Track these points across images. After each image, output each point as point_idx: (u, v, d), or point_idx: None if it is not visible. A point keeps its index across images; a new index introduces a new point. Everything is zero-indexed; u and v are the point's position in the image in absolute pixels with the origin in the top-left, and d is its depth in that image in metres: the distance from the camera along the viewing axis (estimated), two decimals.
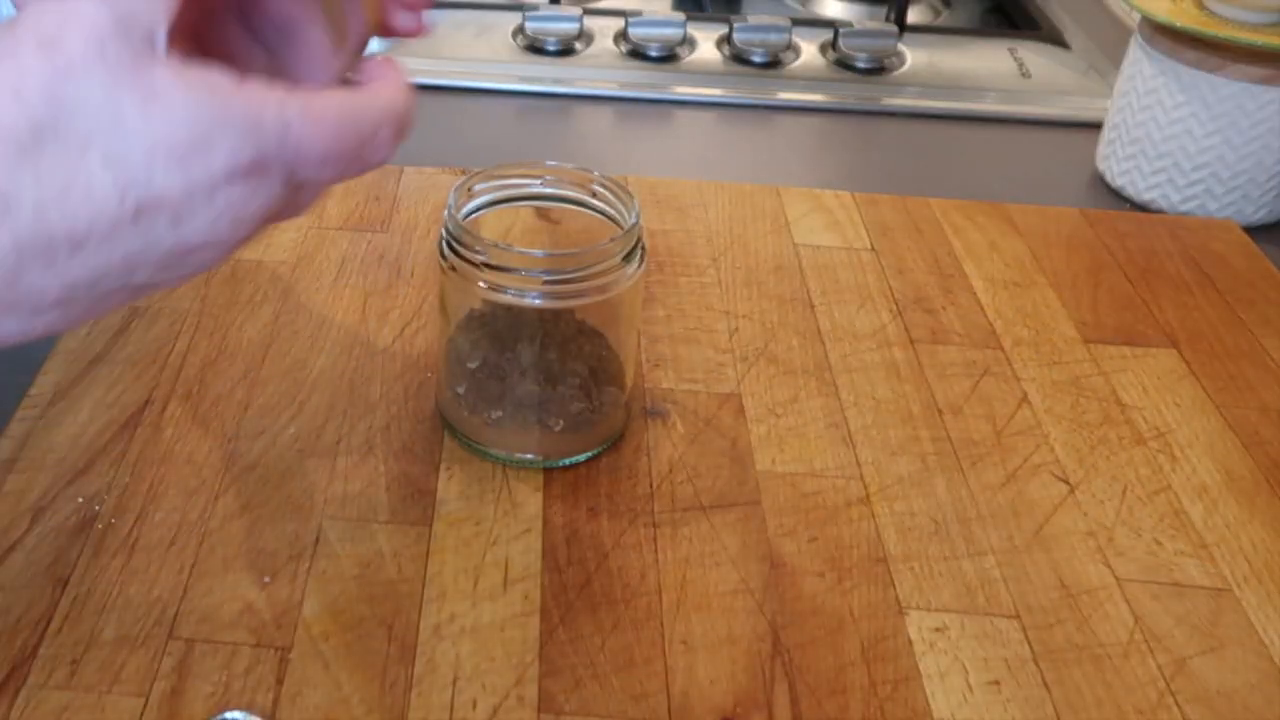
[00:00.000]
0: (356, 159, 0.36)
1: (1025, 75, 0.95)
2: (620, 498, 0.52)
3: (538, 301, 0.50)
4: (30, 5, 0.32)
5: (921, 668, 0.46)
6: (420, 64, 0.90)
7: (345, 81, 0.40)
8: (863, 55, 0.95)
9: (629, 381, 0.55)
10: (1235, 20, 0.74)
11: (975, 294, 0.67)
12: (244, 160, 0.33)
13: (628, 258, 0.51)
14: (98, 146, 0.31)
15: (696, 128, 0.88)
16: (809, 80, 0.93)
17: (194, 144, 0.32)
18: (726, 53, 0.95)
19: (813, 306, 0.65)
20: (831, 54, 0.96)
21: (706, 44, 0.96)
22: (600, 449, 0.54)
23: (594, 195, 0.54)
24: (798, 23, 0.97)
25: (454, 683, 0.44)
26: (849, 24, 0.96)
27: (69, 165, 0.31)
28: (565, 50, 0.94)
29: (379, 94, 0.37)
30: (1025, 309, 0.67)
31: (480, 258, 0.50)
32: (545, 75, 0.91)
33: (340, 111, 0.35)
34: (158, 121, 0.32)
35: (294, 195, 0.36)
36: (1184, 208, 0.78)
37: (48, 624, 0.45)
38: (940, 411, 0.59)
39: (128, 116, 0.31)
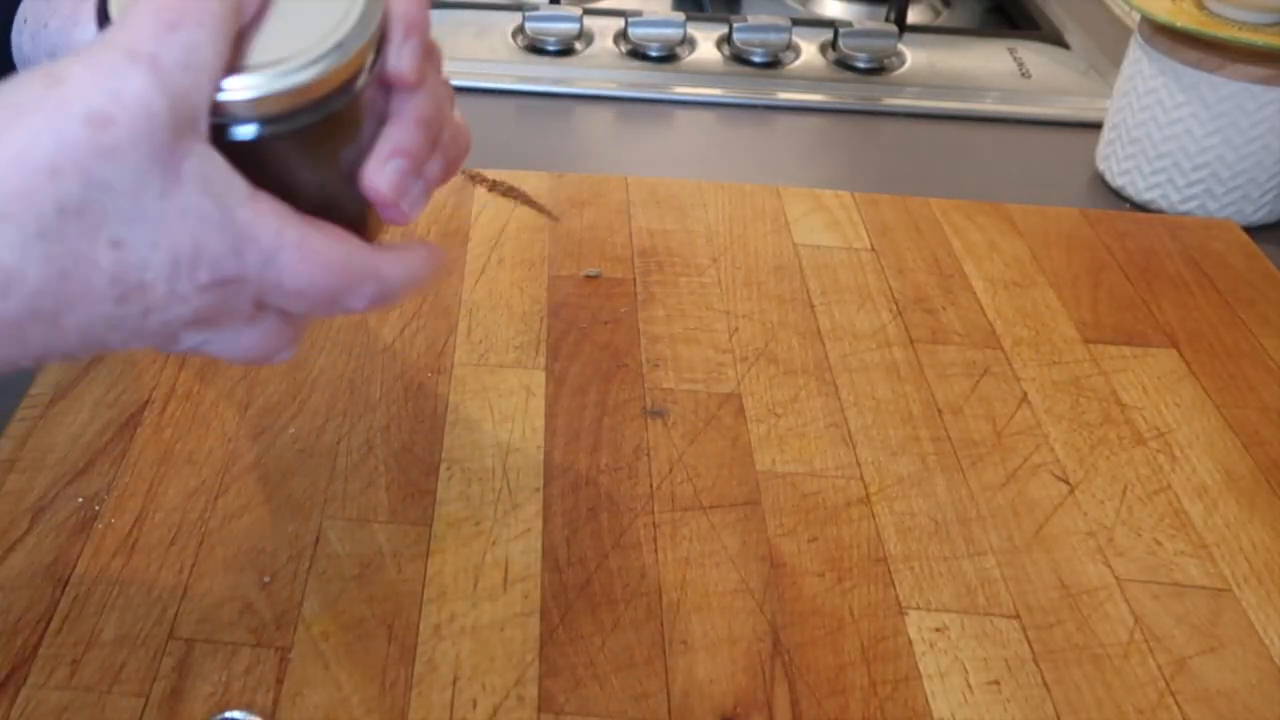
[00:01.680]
0: (330, 304, 0.36)
1: (1025, 75, 0.95)
2: (620, 498, 0.52)
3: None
4: (73, 62, 0.31)
5: (921, 668, 0.46)
6: None
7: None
8: (863, 55, 0.95)
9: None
10: (1235, 20, 0.74)
11: (975, 294, 0.68)
12: (224, 275, 0.33)
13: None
14: (112, 228, 0.31)
15: (696, 128, 0.88)
16: (809, 80, 0.93)
17: (194, 249, 0.32)
18: (726, 53, 0.95)
19: (813, 306, 0.65)
20: (831, 54, 0.96)
21: (706, 44, 0.96)
22: None
23: None
24: (798, 23, 0.97)
25: (454, 683, 0.44)
26: (849, 24, 0.96)
27: (80, 247, 0.30)
28: (565, 50, 0.94)
29: (384, 259, 0.37)
30: (1025, 309, 0.67)
31: None
32: (545, 75, 0.91)
33: (334, 258, 0.35)
34: (171, 217, 0.31)
35: (258, 315, 0.36)
36: (1184, 208, 0.78)
37: (48, 624, 0.45)
38: (940, 411, 0.59)
39: (147, 203, 0.31)
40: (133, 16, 0.32)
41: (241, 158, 0.34)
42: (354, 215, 0.38)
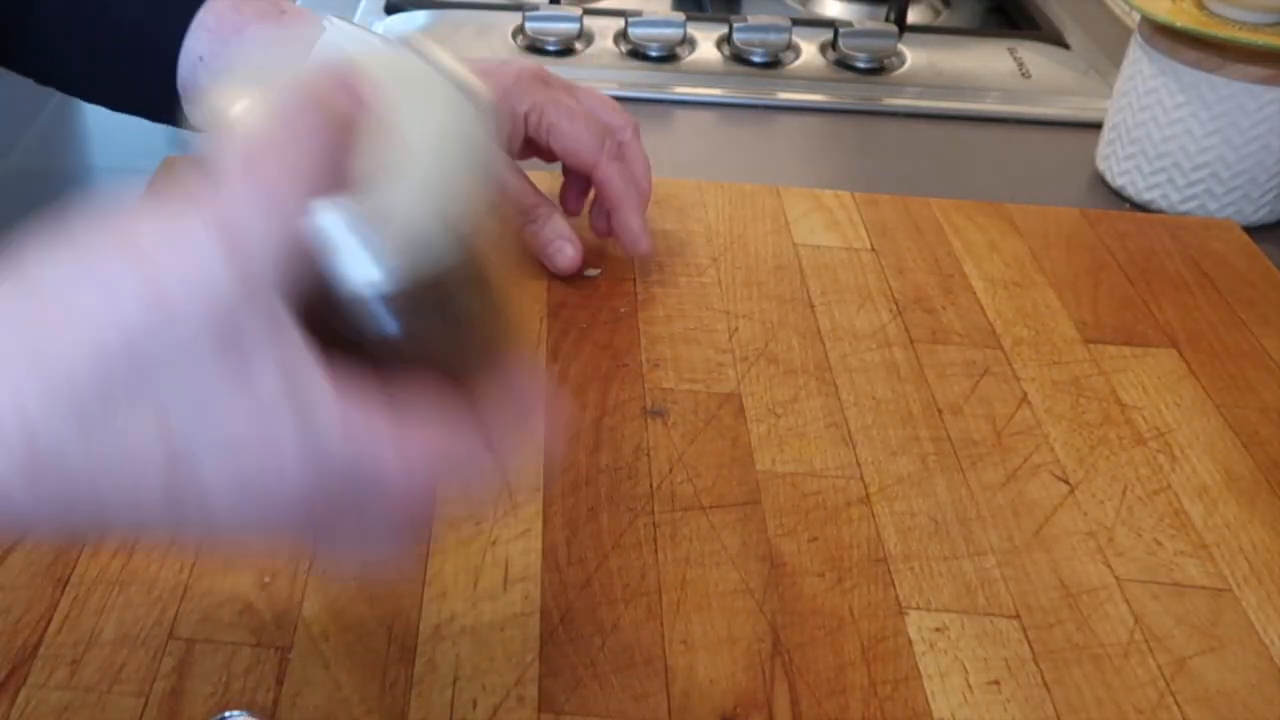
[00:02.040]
0: (434, 494, 0.33)
1: (1025, 75, 0.95)
2: (620, 498, 0.52)
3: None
4: (151, 224, 0.29)
5: (921, 668, 0.46)
6: None
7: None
8: (863, 55, 0.95)
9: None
10: (1235, 20, 0.74)
11: (975, 294, 0.67)
12: (302, 482, 0.30)
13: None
14: (160, 418, 0.28)
15: (696, 128, 0.88)
16: (809, 80, 0.93)
17: (259, 443, 0.29)
18: (726, 53, 0.95)
19: (813, 306, 0.65)
20: (831, 54, 0.96)
21: (706, 44, 0.96)
22: None
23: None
24: (798, 23, 0.97)
25: (454, 683, 0.44)
26: (849, 24, 0.96)
27: (121, 430, 0.28)
28: (565, 50, 0.94)
29: (493, 425, 0.34)
30: (1025, 309, 0.67)
31: None
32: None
33: (436, 449, 0.32)
34: (235, 402, 0.29)
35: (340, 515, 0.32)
36: (1184, 208, 0.78)
37: (48, 624, 0.45)
38: (940, 411, 0.59)
39: (209, 403, 0.28)
40: (225, 179, 0.29)
41: (337, 314, 0.32)
42: (469, 355, 0.35)
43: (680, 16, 0.95)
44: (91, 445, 0.28)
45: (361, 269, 0.32)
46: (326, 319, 0.32)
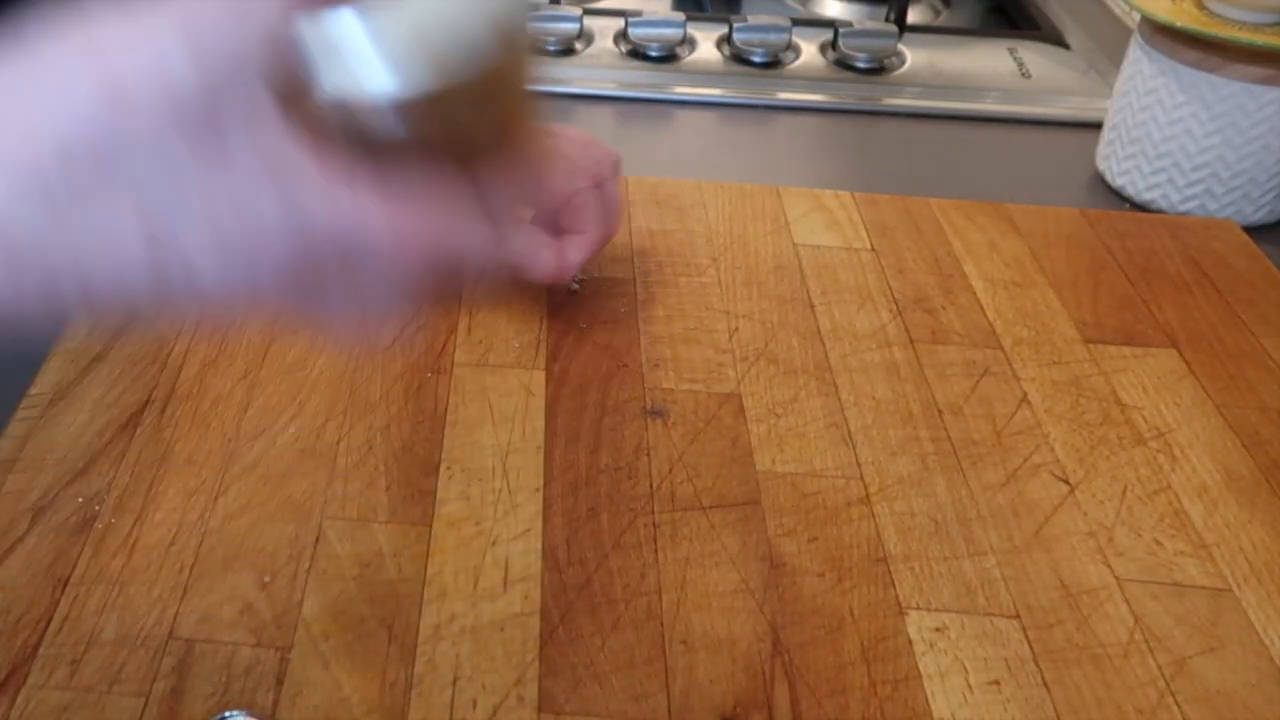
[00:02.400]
0: (431, 271, 0.33)
1: (1025, 75, 0.95)
2: (620, 498, 0.52)
3: None
4: (111, 25, 0.29)
5: (921, 668, 0.46)
6: None
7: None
8: (863, 55, 0.95)
9: None
10: (1235, 20, 0.74)
11: (975, 294, 0.67)
12: (289, 255, 0.30)
13: None
14: (135, 199, 0.29)
15: (696, 128, 0.88)
16: (809, 80, 0.93)
17: (245, 226, 0.29)
18: (726, 53, 0.95)
19: (813, 306, 0.65)
20: (831, 54, 0.96)
21: (706, 44, 0.96)
22: None
23: None
24: (798, 23, 0.97)
25: (454, 683, 0.44)
26: (849, 24, 0.96)
27: (96, 214, 0.29)
28: (565, 50, 0.94)
29: (470, 214, 0.34)
30: (1025, 309, 0.67)
31: None
32: (545, 75, 0.91)
33: (425, 226, 0.32)
34: (218, 191, 0.29)
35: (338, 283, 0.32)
36: (1184, 208, 0.78)
37: (48, 624, 0.45)
38: (940, 411, 0.59)
39: (183, 182, 0.29)
40: None
41: (336, 114, 0.31)
42: (477, 151, 0.34)
43: (680, 16, 0.96)
44: (66, 231, 0.29)
45: (372, 74, 0.31)
46: (321, 114, 0.31)
